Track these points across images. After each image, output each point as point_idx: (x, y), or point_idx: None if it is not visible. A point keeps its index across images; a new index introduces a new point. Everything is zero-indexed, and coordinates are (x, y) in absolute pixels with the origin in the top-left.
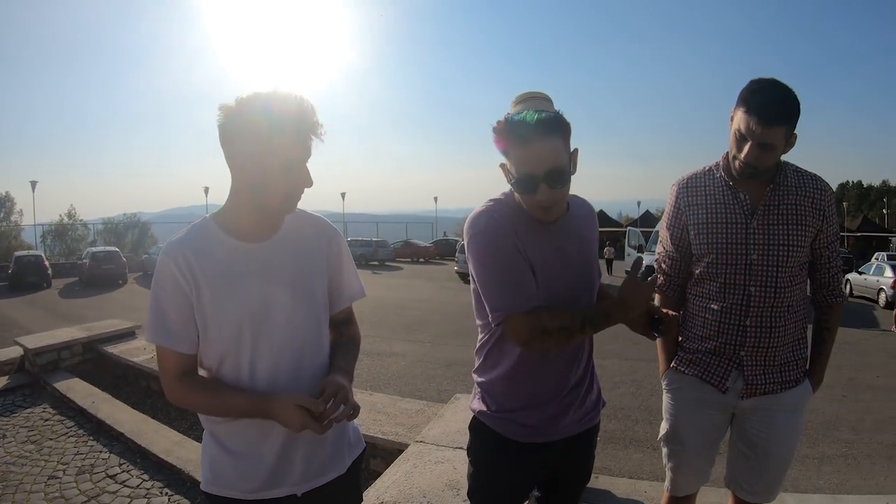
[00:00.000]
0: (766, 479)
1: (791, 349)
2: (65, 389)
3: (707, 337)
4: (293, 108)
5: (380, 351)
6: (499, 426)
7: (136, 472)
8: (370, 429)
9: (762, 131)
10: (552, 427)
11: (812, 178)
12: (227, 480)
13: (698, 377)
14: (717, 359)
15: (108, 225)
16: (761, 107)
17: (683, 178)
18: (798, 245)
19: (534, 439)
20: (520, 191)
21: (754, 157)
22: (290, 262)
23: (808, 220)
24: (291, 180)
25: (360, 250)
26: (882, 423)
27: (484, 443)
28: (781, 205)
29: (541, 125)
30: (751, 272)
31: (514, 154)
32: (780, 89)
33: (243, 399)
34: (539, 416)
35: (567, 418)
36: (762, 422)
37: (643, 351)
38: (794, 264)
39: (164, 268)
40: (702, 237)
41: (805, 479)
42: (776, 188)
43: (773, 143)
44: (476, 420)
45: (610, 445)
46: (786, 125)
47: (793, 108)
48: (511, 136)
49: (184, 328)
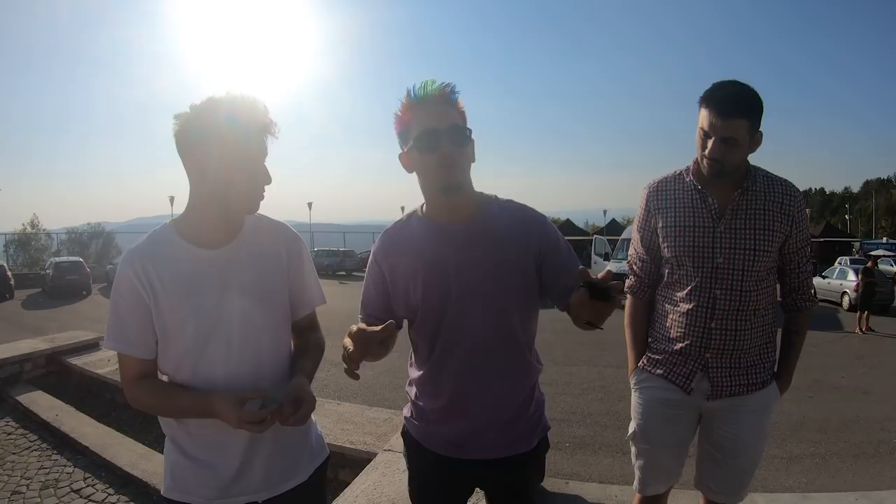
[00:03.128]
0: (734, 479)
1: (758, 352)
2: (28, 402)
3: (673, 338)
4: (248, 109)
5: None
6: (420, 435)
7: (101, 487)
8: (338, 438)
9: (722, 124)
10: (472, 444)
11: (782, 183)
12: (188, 486)
13: (664, 377)
14: (682, 360)
15: (72, 235)
16: (720, 100)
17: (654, 182)
18: (764, 250)
19: (452, 454)
20: (422, 149)
21: (718, 152)
22: (248, 267)
23: (776, 226)
24: (252, 179)
25: (328, 260)
26: (848, 422)
27: (409, 450)
28: (749, 209)
29: (441, 88)
30: (716, 275)
31: (418, 117)
32: (739, 86)
33: (188, 397)
34: (456, 430)
35: (488, 438)
36: (729, 423)
37: (611, 358)
38: (760, 269)
39: (123, 275)
40: (669, 240)
41: (774, 479)
42: (745, 192)
43: (735, 136)
44: (404, 426)
45: (579, 451)
46: (746, 118)
47: (752, 103)
48: (415, 103)
49: (142, 335)
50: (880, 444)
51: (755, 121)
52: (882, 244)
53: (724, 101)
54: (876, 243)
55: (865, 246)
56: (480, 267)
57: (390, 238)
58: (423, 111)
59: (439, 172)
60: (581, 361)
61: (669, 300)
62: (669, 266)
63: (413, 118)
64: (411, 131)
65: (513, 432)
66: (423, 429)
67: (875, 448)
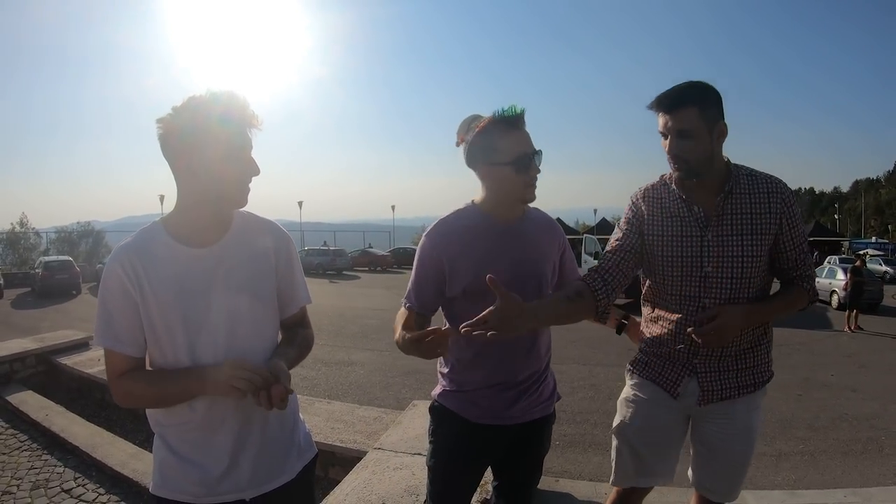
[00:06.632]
0: (728, 478)
1: (749, 353)
2: (17, 402)
3: (662, 342)
4: (229, 104)
5: (338, 360)
6: (454, 405)
7: (91, 486)
8: (328, 437)
9: (671, 117)
10: (504, 412)
11: (766, 179)
12: (176, 484)
13: (651, 381)
14: (670, 364)
15: (62, 234)
16: (663, 98)
17: (641, 189)
18: (754, 255)
19: (486, 421)
20: (519, 168)
21: (677, 147)
22: (237, 265)
23: (764, 228)
24: (240, 171)
25: (318, 259)
26: (837, 419)
27: (440, 422)
28: (735, 214)
29: (523, 115)
30: (705, 284)
31: (508, 139)
32: (685, 82)
33: (179, 376)
34: (491, 399)
35: (518, 406)
36: (720, 424)
37: (602, 356)
38: (750, 275)
39: (112, 273)
40: (656, 248)
41: (763, 477)
42: (728, 196)
43: (687, 127)
44: (434, 401)
45: (570, 449)
46: (694, 105)
47: (696, 91)
48: (503, 124)
49: (130, 332)
50: (869, 441)
51: (707, 109)
52: (871, 243)
53: (667, 96)
54: (865, 243)
55: (854, 245)
56: (527, 256)
57: (448, 226)
58: (515, 134)
59: (528, 189)
60: (571, 360)
61: (657, 307)
62: (657, 274)
63: (506, 138)
64: (502, 149)
65: (536, 397)
66: (458, 398)
67: (863, 445)
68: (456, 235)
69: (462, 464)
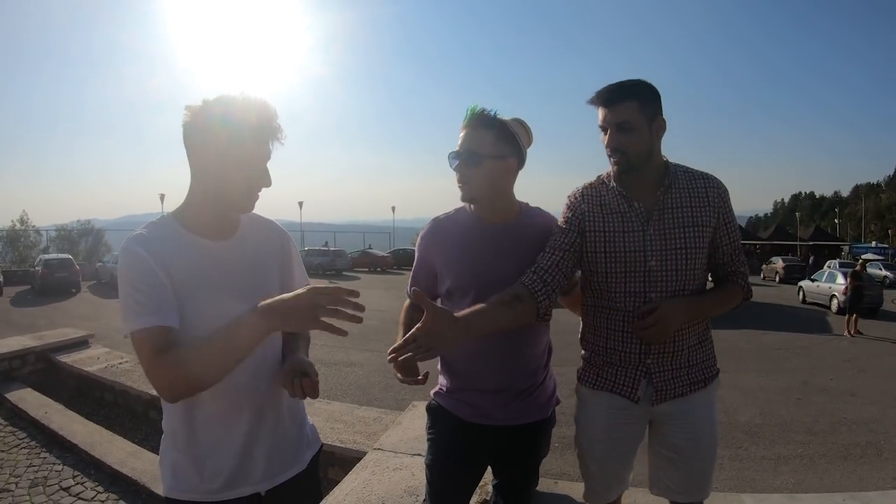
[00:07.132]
0: (697, 475)
1: (697, 350)
2: (16, 400)
3: (611, 348)
4: (256, 111)
5: (337, 361)
6: (448, 404)
7: (90, 485)
8: (328, 437)
9: (610, 110)
10: (497, 413)
11: (702, 176)
12: (191, 483)
13: (608, 391)
14: (623, 369)
15: (62, 232)
16: (602, 92)
17: (580, 188)
18: (696, 247)
19: (479, 420)
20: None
21: (616, 140)
22: (249, 261)
23: (703, 220)
24: (251, 180)
25: (318, 259)
26: (836, 423)
27: (435, 420)
28: (675, 208)
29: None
30: (650, 279)
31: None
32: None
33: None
34: (483, 401)
35: (511, 408)
36: (680, 423)
37: None
38: (693, 266)
39: (132, 255)
40: (599, 245)
41: (762, 480)
42: (667, 191)
43: (627, 120)
44: (431, 400)
45: (568, 451)
46: (634, 100)
47: (637, 86)
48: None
49: (166, 303)
50: (868, 445)
51: (647, 103)
52: (871, 248)
53: (608, 90)
54: (865, 247)
55: (855, 249)
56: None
57: (438, 226)
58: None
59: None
60: (569, 362)
61: (602, 309)
62: (600, 273)
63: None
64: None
65: (531, 401)
66: (453, 398)
67: (862, 449)
68: (445, 235)
69: (457, 462)
